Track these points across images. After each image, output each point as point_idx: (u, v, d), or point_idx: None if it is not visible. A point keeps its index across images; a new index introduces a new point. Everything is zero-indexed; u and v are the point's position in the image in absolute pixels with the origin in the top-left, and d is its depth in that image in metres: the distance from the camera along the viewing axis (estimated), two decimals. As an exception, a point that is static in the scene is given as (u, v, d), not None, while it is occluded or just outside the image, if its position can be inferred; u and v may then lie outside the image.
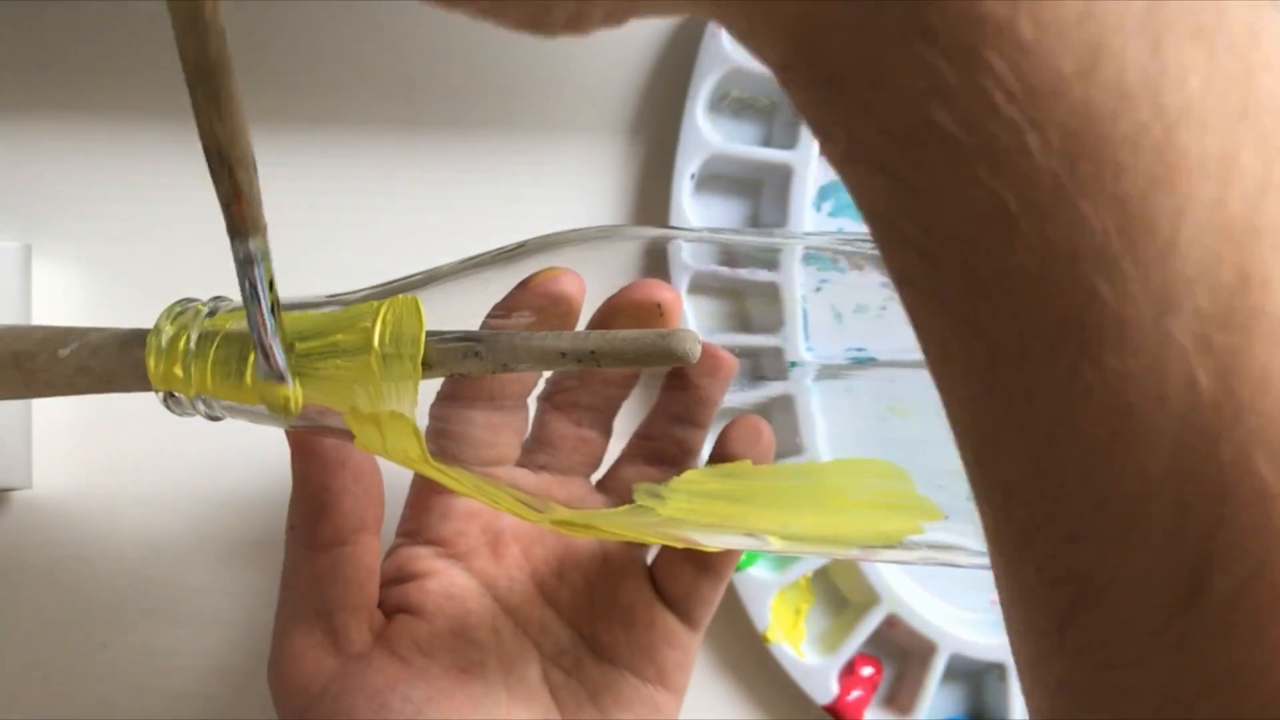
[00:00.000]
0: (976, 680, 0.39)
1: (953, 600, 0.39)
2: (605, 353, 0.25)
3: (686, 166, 0.37)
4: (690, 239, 0.30)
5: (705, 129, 0.37)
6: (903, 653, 0.39)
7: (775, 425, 0.33)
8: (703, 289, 0.31)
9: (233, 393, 0.27)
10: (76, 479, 0.37)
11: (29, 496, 0.37)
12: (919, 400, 0.28)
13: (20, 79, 0.37)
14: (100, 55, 0.37)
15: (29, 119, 0.37)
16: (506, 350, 0.25)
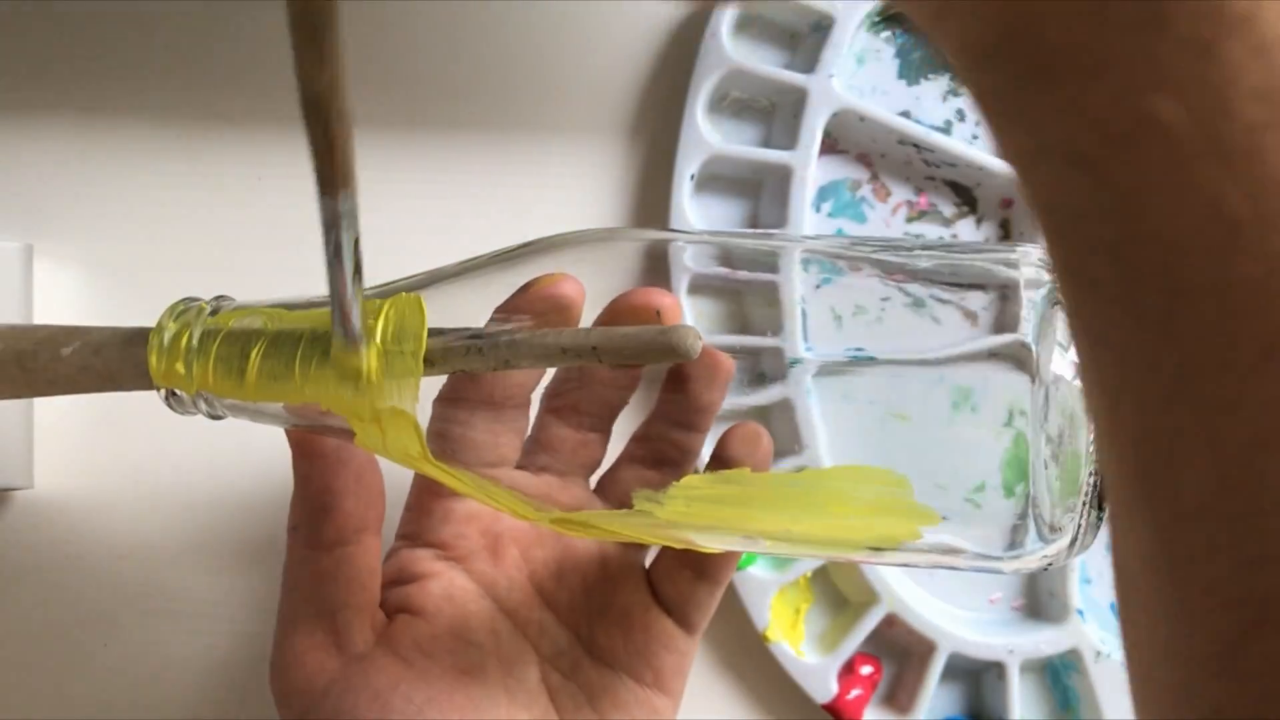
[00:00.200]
0: (976, 679, 0.39)
1: (952, 599, 0.39)
2: (606, 349, 0.25)
3: (686, 167, 0.37)
4: (690, 241, 0.30)
5: (705, 129, 0.37)
6: (902, 652, 0.39)
7: (775, 426, 0.33)
8: (702, 289, 0.31)
9: (234, 390, 0.27)
10: (78, 479, 0.37)
11: (30, 496, 0.37)
12: (919, 402, 0.28)
13: (20, 79, 0.37)
14: (100, 55, 0.37)
15: (29, 119, 0.37)
16: (508, 347, 0.25)
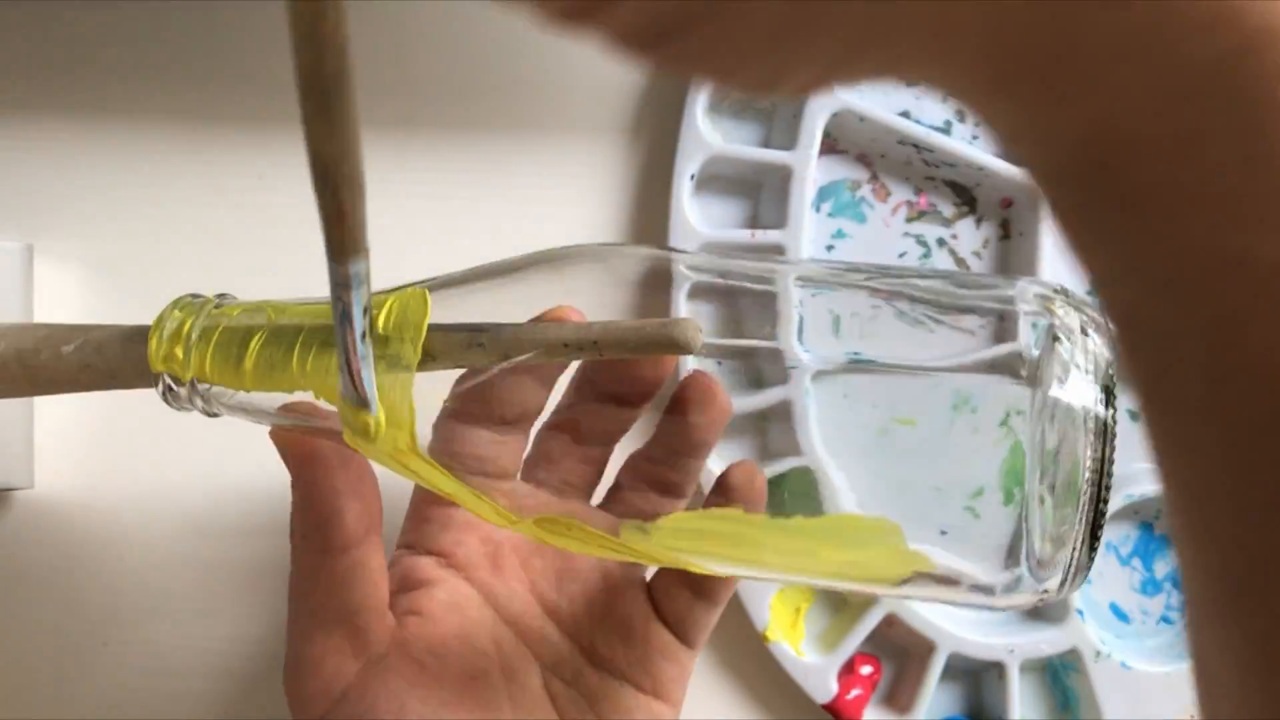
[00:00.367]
0: (975, 679, 0.39)
1: (952, 599, 0.39)
2: (608, 342, 0.25)
3: (686, 167, 0.37)
4: (689, 264, 0.30)
5: (705, 129, 0.37)
6: (902, 651, 0.39)
7: (774, 430, 0.33)
8: (701, 293, 0.31)
9: (232, 379, 0.27)
10: (78, 479, 0.37)
11: (31, 496, 0.37)
12: (919, 407, 0.28)
13: (20, 79, 0.37)
14: (101, 55, 0.38)
15: (30, 119, 0.37)
16: (509, 341, 0.25)
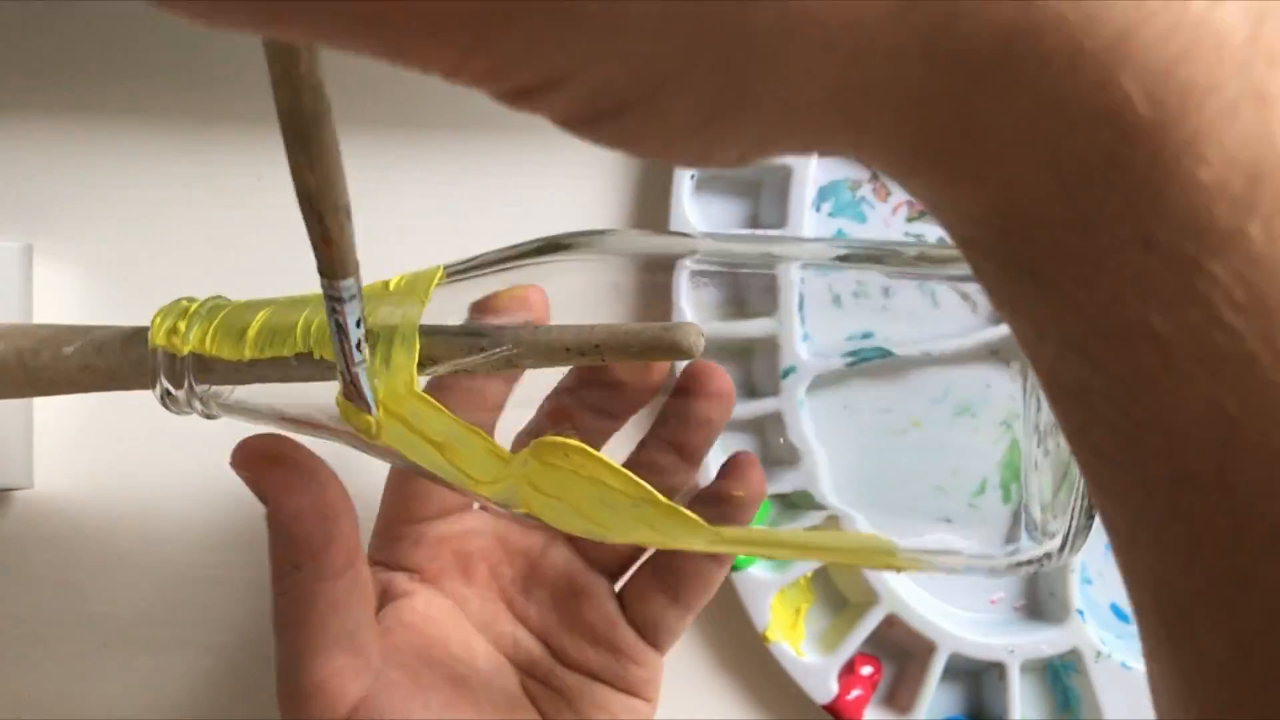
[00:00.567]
0: (976, 679, 0.39)
1: (952, 600, 0.39)
2: (610, 346, 0.25)
3: (686, 167, 0.37)
4: (694, 260, 0.30)
5: (705, 129, 0.37)
6: (902, 652, 0.39)
7: (771, 439, 0.33)
8: (702, 277, 0.31)
9: (232, 349, 0.27)
10: (77, 479, 0.37)
11: (30, 496, 0.37)
12: (918, 405, 0.28)
13: (20, 79, 0.37)
14: (100, 55, 0.37)
15: (29, 119, 0.37)
16: (511, 344, 0.25)
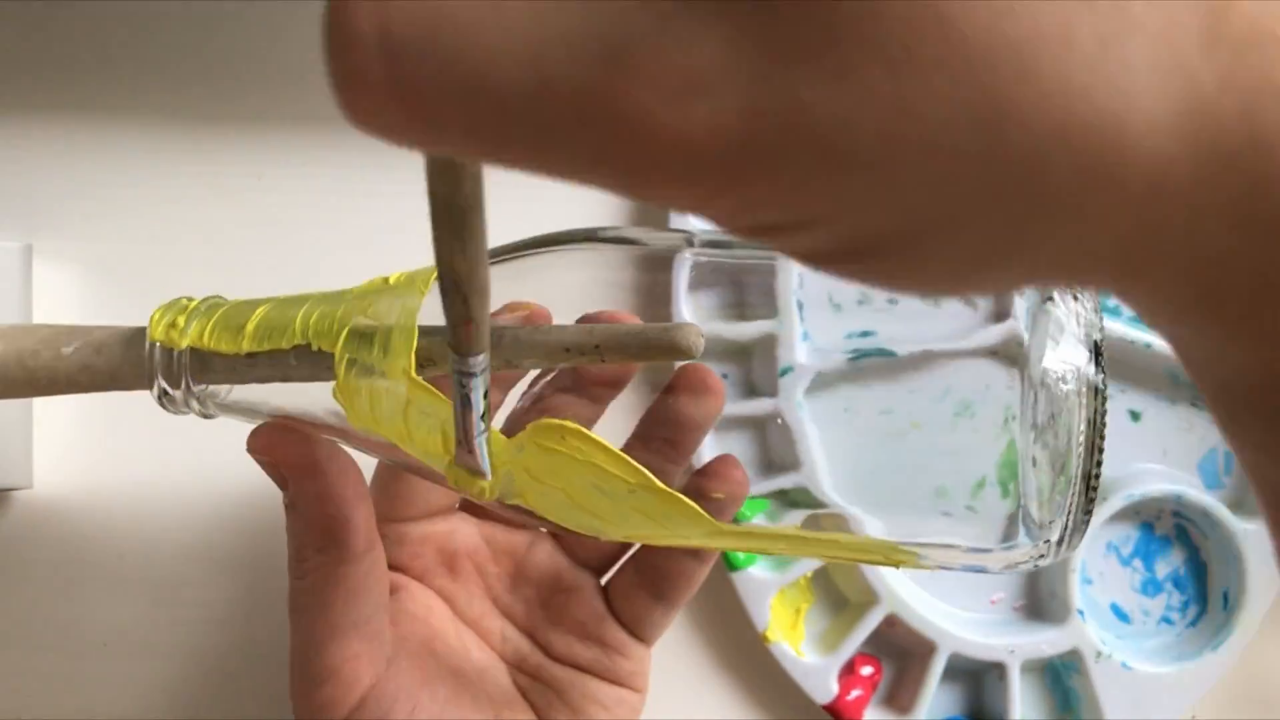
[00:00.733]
0: (976, 680, 0.39)
1: (952, 600, 0.39)
2: (610, 347, 0.25)
3: (686, 167, 0.37)
4: (695, 254, 0.30)
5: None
6: (902, 652, 0.39)
7: (770, 439, 0.33)
8: (702, 278, 0.31)
9: (230, 342, 0.27)
10: (77, 479, 0.37)
11: (29, 496, 0.37)
12: (918, 405, 0.28)
13: (20, 79, 0.37)
14: (100, 55, 0.37)
15: (29, 119, 0.37)
16: (510, 346, 0.25)
